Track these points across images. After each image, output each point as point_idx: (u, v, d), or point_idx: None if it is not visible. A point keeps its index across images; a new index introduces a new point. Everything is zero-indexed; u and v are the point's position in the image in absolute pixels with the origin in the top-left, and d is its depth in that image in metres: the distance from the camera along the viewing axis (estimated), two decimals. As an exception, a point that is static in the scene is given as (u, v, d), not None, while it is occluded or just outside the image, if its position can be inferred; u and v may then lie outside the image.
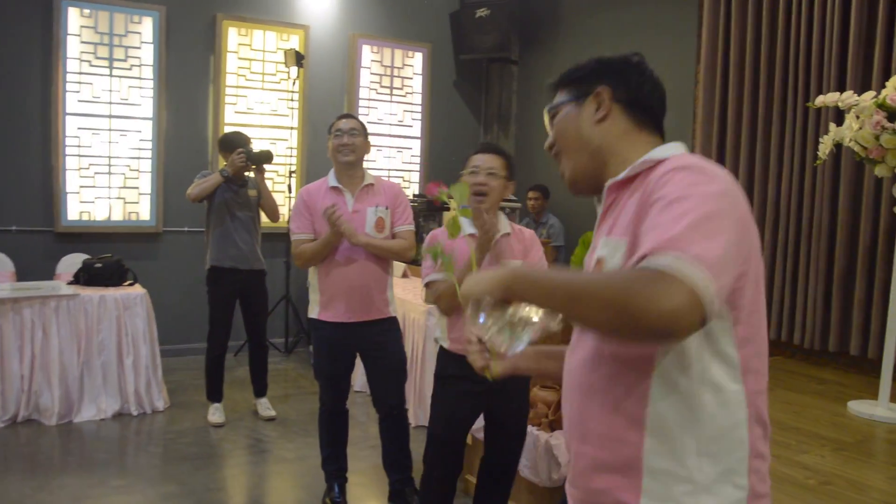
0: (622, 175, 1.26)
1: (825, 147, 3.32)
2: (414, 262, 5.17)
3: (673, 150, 1.24)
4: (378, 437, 3.46)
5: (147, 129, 5.83)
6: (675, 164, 1.14)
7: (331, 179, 3.31)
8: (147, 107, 5.82)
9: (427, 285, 2.75)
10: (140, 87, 5.79)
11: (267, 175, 6.28)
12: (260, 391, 4.80)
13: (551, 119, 1.43)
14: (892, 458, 2.68)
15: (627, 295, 0.95)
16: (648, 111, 1.34)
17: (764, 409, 1.20)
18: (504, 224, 2.75)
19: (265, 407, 4.71)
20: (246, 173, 4.54)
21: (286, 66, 6.16)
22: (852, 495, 2.27)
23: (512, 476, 2.94)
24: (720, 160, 4.84)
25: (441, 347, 2.85)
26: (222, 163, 4.58)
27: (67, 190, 5.61)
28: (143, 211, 5.89)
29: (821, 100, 3.28)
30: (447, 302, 2.68)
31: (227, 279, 4.51)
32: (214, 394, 4.60)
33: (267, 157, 4.53)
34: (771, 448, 2.65)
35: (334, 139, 3.27)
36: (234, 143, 4.54)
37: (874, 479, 2.45)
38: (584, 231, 3.52)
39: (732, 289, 1.08)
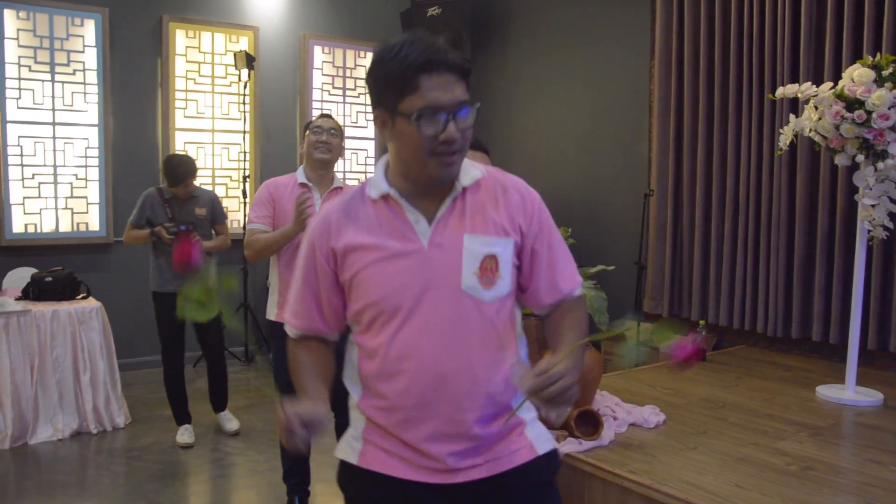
0: (468, 183, 1.52)
1: (786, 137, 3.38)
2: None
3: (477, 166, 1.58)
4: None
5: (93, 136, 5.63)
6: (526, 188, 1.59)
7: (300, 176, 3.27)
8: (93, 113, 5.63)
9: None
10: (84, 93, 5.60)
11: (220, 180, 6.18)
12: (219, 406, 4.61)
13: (461, 106, 1.44)
14: (864, 440, 2.74)
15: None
16: None
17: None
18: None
19: (227, 419, 4.56)
20: (197, 211, 4.28)
21: (236, 69, 6.04)
22: (834, 479, 2.30)
23: None
24: (677, 154, 4.90)
25: None
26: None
27: (11, 201, 5.39)
28: (93, 221, 5.69)
29: (781, 91, 3.34)
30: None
31: (171, 303, 4.22)
32: (181, 416, 4.41)
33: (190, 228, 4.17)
34: (749, 436, 2.68)
35: (312, 135, 3.24)
36: (176, 175, 4.16)
37: (851, 461, 2.50)
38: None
39: None
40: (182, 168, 4.16)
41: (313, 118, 3.45)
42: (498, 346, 1.50)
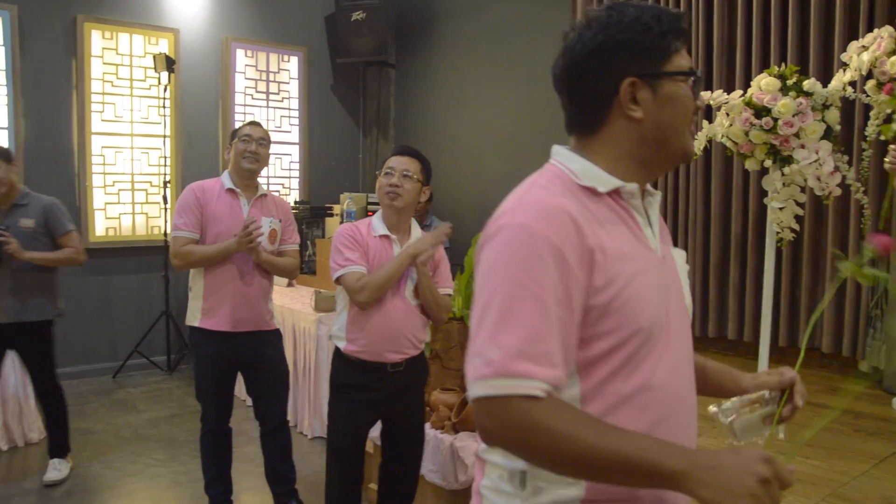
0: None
1: (699, 143, 3.50)
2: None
3: None
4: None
5: (3, 138, 5.40)
6: None
7: (226, 181, 3.22)
8: (2, 115, 5.40)
9: (343, 277, 2.62)
10: (-7, 95, 5.38)
11: (139, 186, 6.01)
12: (52, 448, 3.88)
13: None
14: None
15: None
16: None
17: None
18: (416, 233, 2.75)
19: (52, 468, 3.82)
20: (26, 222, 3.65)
21: (156, 72, 5.89)
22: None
23: (414, 481, 2.93)
24: (599, 158, 5.01)
25: (336, 351, 2.77)
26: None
27: (-87, 208, 5.13)
28: (3, 228, 5.46)
29: (694, 99, 3.46)
30: (373, 295, 2.59)
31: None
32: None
33: None
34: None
35: (241, 143, 3.19)
36: None
37: (762, 455, 2.60)
38: (467, 233, 3.55)
39: None
40: None
41: (238, 125, 3.37)
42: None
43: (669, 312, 1.16)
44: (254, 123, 3.32)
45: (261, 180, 3.20)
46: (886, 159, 2.87)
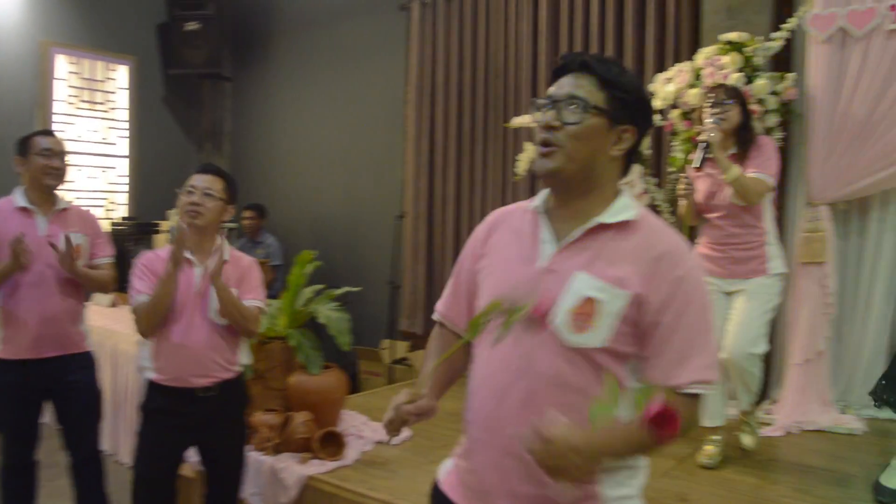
0: (612, 220, 1.36)
1: (522, 164, 3.66)
2: (120, 290, 4.79)
3: (632, 204, 1.40)
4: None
5: None
6: (690, 260, 1.36)
7: (18, 199, 2.97)
8: None
9: (133, 309, 2.55)
10: None
11: (-61, 198, 5.50)
12: None
13: (570, 101, 1.34)
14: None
15: None
16: (632, 159, 1.45)
17: None
18: (225, 251, 2.65)
19: None
20: None
21: (-40, 75, 5.43)
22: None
23: None
24: (430, 176, 5.11)
25: (147, 378, 2.65)
26: None
27: None
28: None
29: (517, 121, 3.61)
30: (147, 322, 2.52)
31: None
32: None
33: None
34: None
35: (41, 159, 2.94)
36: None
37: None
38: (302, 249, 3.53)
39: None
40: None
41: (34, 136, 3.09)
42: (563, 400, 1.31)
43: None
44: (48, 133, 3.09)
45: (83, 195, 2.99)
46: (679, 186, 3.04)
